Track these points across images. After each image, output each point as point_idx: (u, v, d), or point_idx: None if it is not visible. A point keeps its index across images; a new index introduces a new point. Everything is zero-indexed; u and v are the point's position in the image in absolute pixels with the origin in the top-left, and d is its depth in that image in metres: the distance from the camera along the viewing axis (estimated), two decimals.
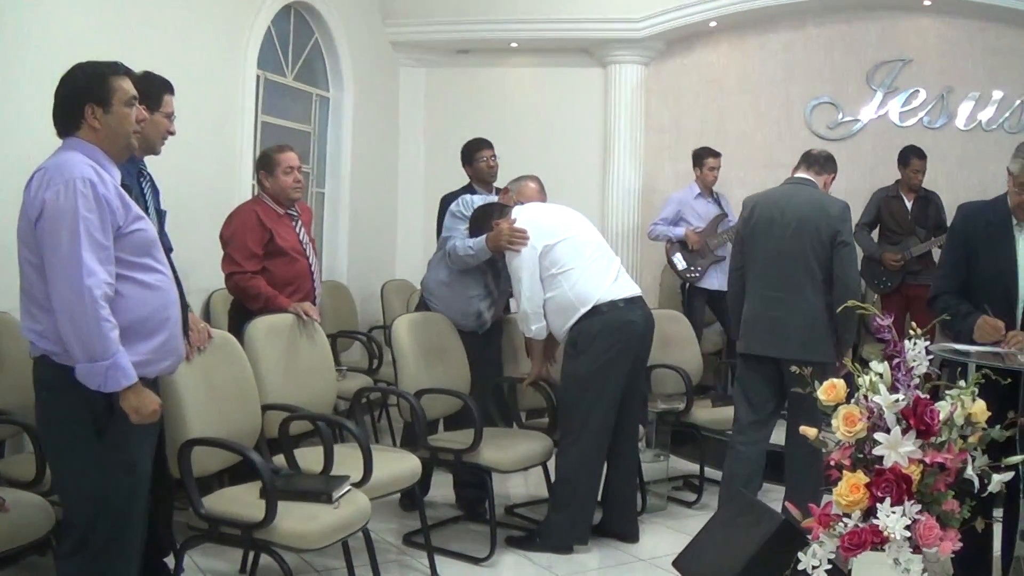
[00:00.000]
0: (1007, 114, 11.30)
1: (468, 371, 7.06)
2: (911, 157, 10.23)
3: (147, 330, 4.14)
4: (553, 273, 6.57)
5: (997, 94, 11.34)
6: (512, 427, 7.25)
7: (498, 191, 8.11)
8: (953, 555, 4.70)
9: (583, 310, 6.50)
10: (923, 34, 11.51)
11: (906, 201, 10.25)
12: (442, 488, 7.43)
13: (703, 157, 10.22)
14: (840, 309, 5.16)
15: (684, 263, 9.90)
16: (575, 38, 11.42)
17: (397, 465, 5.84)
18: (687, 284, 10.06)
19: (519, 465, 6.55)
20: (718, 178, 10.34)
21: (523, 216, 6.70)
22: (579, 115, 11.49)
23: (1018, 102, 11.32)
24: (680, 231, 10.03)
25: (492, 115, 11.36)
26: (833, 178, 7.29)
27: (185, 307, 4.75)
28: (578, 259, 6.61)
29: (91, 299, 3.84)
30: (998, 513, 5.44)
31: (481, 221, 6.88)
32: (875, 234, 10.49)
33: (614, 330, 6.52)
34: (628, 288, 6.72)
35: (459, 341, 7.08)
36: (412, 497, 6.55)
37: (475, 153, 8.65)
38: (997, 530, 5.43)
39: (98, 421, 4.03)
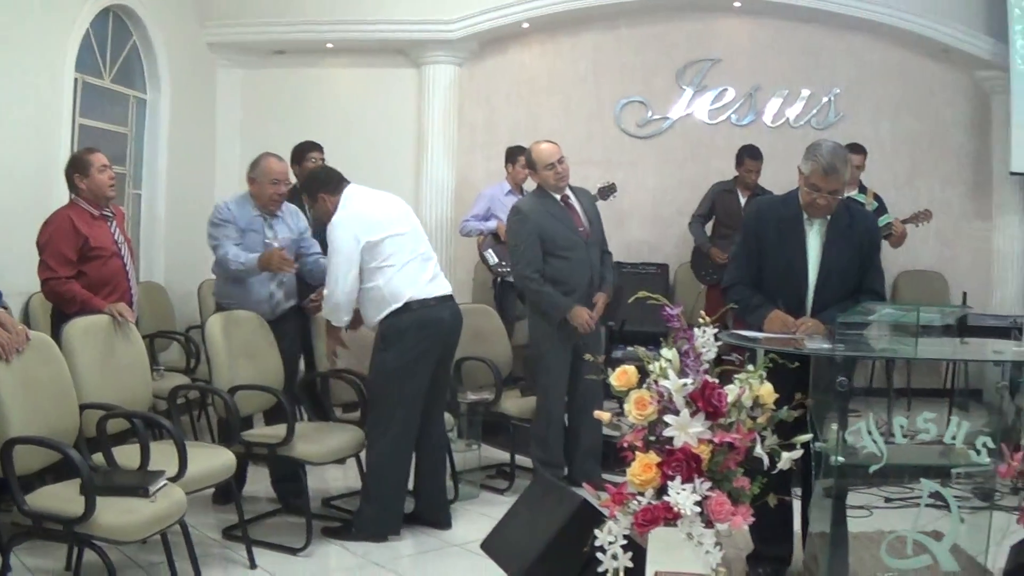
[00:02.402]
0: (815, 111, 11.82)
1: (282, 367, 7.18)
2: (745, 157, 10.57)
3: None
4: (373, 267, 6.67)
5: (805, 92, 11.83)
6: (327, 421, 7.33)
7: None
8: (754, 529, 4.96)
9: (395, 306, 6.66)
10: (732, 34, 11.92)
11: (740, 197, 10.56)
12: (259, 483, 7.52)
13: (515, 155, 10.26)
14: (632, 298, 5.30)
15: (496, 258, 9.99)
16: (390, 39, 11.56)
17: (212, 460, 5.95)
18: (499, 279, 10.19)
19: (331, 457, 6.68)
20: (528, 176, 10.43)
21: (352, 205, 6.81)
22: (394, 114, 11.61)
23: (825, 99, 11.80)
24: (492, 224, 10.12)
25: (309, 115, 11.48)
26: None
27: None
28: (398, 256, 6.73)
29: None
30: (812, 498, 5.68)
31: (327, 180, 6.99)
32: (710, 227, 10.83)
33: (422, 327, 6.69)
34: (440, 287, 6.88)
35: (271, 336, 7.19)
36: (229, 492, 6.64)
37: (306, 154, 8.90)
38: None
39: None
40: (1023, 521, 5.15)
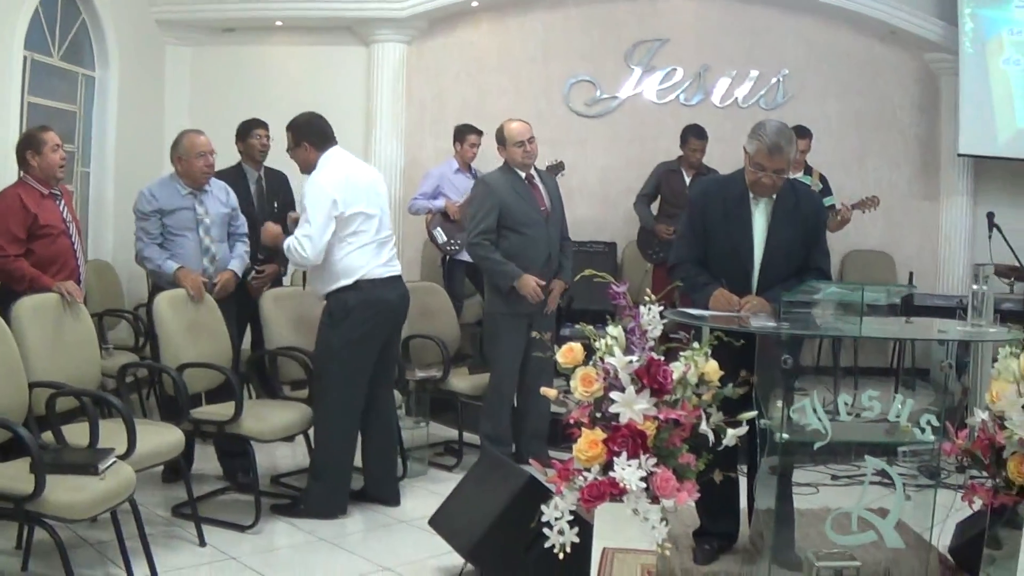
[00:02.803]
0: (763, 91, 11.88)
1: (230, 345, 7.22)
2: (689, 136, 10.55)
3: None
4: (334, 239, 6.71)
5: (754, 72, 11.87)
6: (275, 398, 7.34)
7: (269, 170, 8.66)
8: (700, 505, 5.00)
9: (344, 282, 6.72)
10: (681, 14, 11.95)
11: (686, 177, 10.55)
12: (208, 461, 7.57)
13: (465, 133, 10.35)
14: (578, 277, 5.32)
15: (444, 236, 10.03)
16: (339, 17, 11.52)
17: (161, 438, 5.98)
18: (447, 257, 10.22)
19: (279, 435, 6.74)
20: (477, 155, 10.51)
21: (339, 169, 6.86)
22: (343, 92, 11.54)
23: (774, 79, 11.85)
24: (440, 203, 10.17)
25: (258, 93, 11.38)
26: None
27: None
28: (361, 237, 6.78)
29: None
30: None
31: (318, 132, 7.01)
32: (655, 207, 10.84)
33: (369, 305, 6.75)
34: (391, 269, 6.93)
35: (219, 314, 7.21)
36: (178, 469, 6.64)
37: (251, 131, 8.86)
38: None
39: None
40: (968, 499, 5.20)
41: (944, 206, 12.17)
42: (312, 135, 6.93)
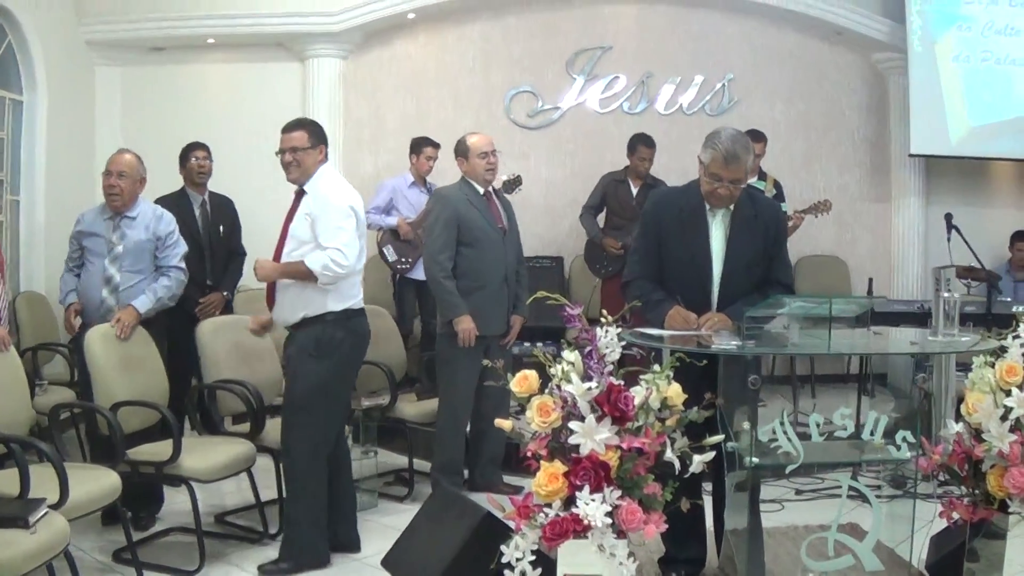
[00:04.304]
0: (708, 97, 11.84)
1: (166, 380, 6.92)
2: (638, 145, 10.38)
3: None
4: None
5: (698, 78, 11.82)
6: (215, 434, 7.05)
7: (213, 195, 8.52)
8: (666, 533, 4.80)
9: (333, 309, 6.25)
10: (623, 21, 11.87)
11: (632, 187, 10.39)
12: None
13: (422, 146, 10.14)
14: (531, 299, 5.10)
15: (395, 255, 9.84)
16: (272, 32, 11.32)
17: (96, 483, 5.66)
18: (397, 275, 10.03)
19: (221, 473, 6.40)
20: (433, 169, 10.27)
21: (341, 181, 6.54)
22: (278, 110, 11.16)
23: (719, 85, 11.80)
24: (393, 220, 9.98)
25: (190, 113, 11.20)
26: None
27: None
28: (358, 260, 6.36)
29: None
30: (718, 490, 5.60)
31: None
32: (601, 219, 10.65)
33: (356, 336, 6.39)
34: (361, 298, 6.52)
35: (155, 349, 6.92)
36: (116, 513, 6.30)
37: (189, 154, 8.70)
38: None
39: None
40: (946, 515, 5.14)
41: (896, 207, 12.18)
42: (326, 143, 6.50)
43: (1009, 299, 9.69)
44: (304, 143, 6.33)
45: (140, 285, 7.08)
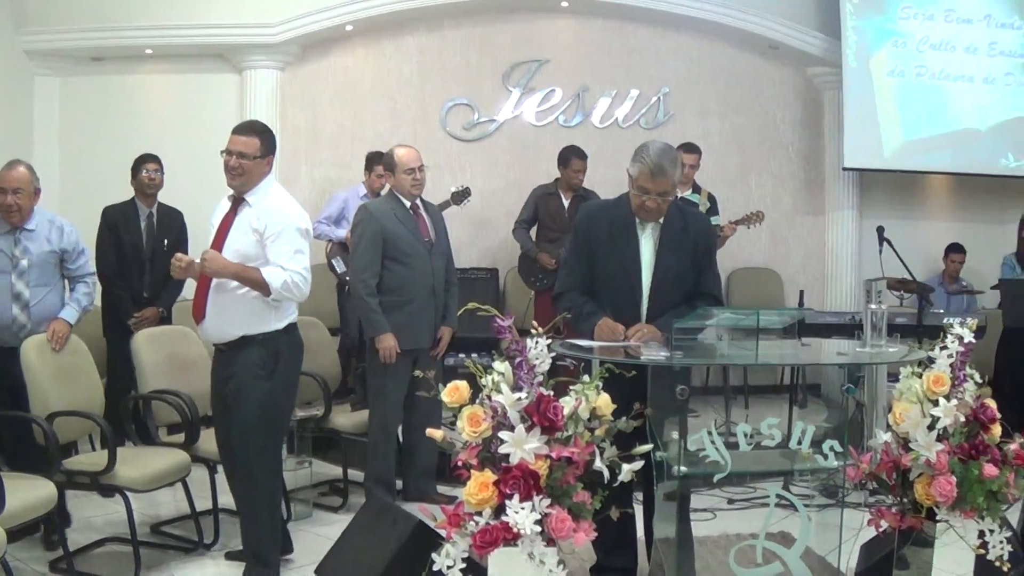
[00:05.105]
0: (644, 111, 11.92)
1: (102, 390, 6.90)
2: (571, 157, 10.36)
3: None
4: None
5: (634, 92, 11.89)
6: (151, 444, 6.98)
7: (163, 207, 8.52)
8: (597, 541, 4.86)
9: (277, 325, 6.07)
10: (560, 35, 11.93)
11: (564, 199, 10.38)
12: (87, 510, 7.29)
13: (374, 163, 9.91)
14: (462, 311, 5.09)
15: (344, 266, 9.69)
16: (210, 44, 11.27)
17: (32, 492, 5.65)
18: (347, 287, 9.91)
19: (157, 483, 6.38)
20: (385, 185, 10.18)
21: (288, 196, 6.30)
22: (215, 121, 11.06)
23: (654, 99, 11.88)
24: (342, 233, 9.90)
25: (128, 123, 11.13)
26: None
27: None
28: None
29: None
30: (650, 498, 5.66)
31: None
32: (534, 232, 10.64)
33: (296, 351, 6.25)
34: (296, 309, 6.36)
35: (91, 359, 6.88)
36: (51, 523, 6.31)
37: (140, 165, 8.74)
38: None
39: None
40: (875, 523, 5.17)
41: (830, 220, 12.32)
42: (274, 154, 6.31)
43: (941, 311, 9.78)
44: (255, 151, 6.12)
45: (50, 297, 6.94)
